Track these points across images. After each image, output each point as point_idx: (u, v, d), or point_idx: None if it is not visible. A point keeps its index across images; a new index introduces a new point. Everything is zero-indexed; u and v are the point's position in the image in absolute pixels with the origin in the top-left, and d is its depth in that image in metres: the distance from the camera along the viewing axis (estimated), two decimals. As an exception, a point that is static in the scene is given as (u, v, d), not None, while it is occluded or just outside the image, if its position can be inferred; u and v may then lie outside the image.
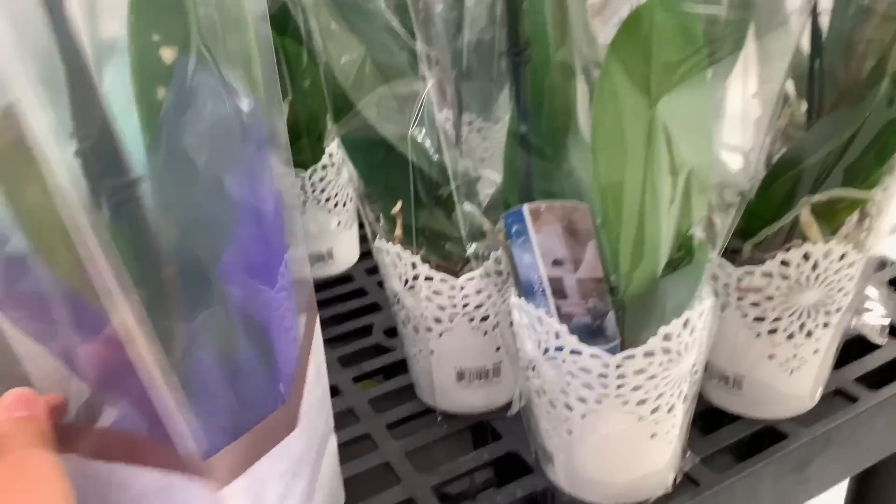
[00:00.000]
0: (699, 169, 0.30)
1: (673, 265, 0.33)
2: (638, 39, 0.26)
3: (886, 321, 0.47)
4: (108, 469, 0.28)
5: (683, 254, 0.33)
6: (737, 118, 0.34)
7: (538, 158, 0.35)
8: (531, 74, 0.33)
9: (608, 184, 0.30)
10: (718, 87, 0.32)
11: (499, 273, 0.43)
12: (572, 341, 0.35)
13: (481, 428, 0.49)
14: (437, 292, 0.44)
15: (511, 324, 0.40)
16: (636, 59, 0.27)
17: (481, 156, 0.58)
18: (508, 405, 0.49)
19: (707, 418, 0.47)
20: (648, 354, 0.35)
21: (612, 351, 0.35)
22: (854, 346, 0.51)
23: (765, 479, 0.44)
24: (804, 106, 0.42)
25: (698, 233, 0.33)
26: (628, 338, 0.36)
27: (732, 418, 0.47)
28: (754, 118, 0.33)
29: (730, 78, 0.33)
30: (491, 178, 0.48)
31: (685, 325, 0.35)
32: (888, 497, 0.61)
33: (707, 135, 0.30)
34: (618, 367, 0.35)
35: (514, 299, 0.38)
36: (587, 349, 0.35)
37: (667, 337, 0.35)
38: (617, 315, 0.35)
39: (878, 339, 0.48)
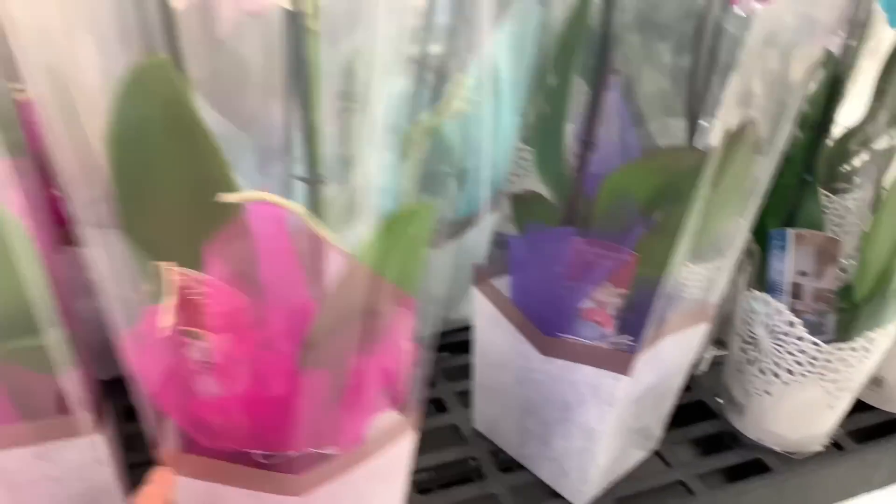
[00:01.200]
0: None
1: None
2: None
3: None
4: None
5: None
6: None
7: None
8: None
9: (878, 236, 0.45)
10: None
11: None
12: (801, 330, 0.50)
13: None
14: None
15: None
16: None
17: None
18: (695, 365, 0.65)
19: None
20: (853, 349, 0.50)
21: (827, 342, 0.50)
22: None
23: (888, 452, 0.59)
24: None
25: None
26: (842, 334, 0.50)
27: (863, 406, 0.62)
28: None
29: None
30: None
31: (885, 333, 0.50)
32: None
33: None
34: (829, 353, 0.50)
35: (756, 293, 0.53)
36: (810, 337, 0.50)
37: (870, 339, 0.50)
38: (837, 317, 0.50)
39: None
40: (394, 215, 0.32)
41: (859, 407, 0.62)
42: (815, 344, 0.50)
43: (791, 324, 0.51)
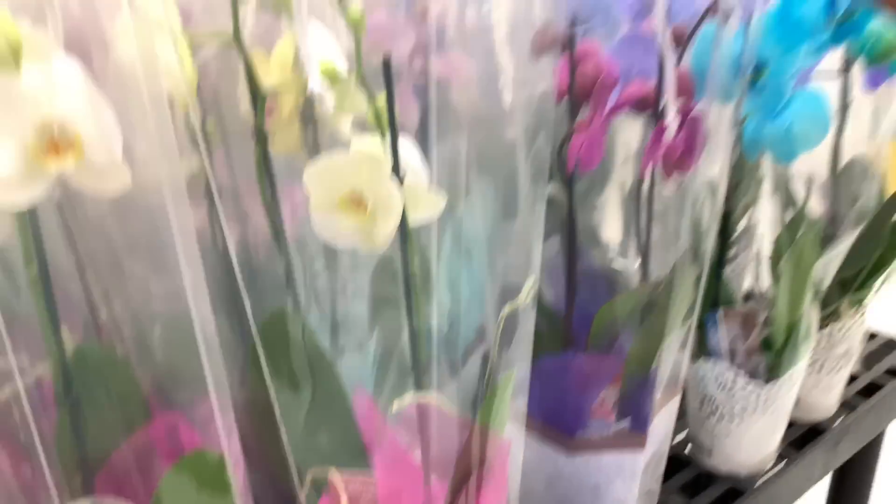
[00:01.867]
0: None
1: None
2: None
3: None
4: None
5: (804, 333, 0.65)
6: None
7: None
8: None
9: (778, 303, 0.61)
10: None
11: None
12: (744, 380, 0.66)
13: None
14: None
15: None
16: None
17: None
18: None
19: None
20: (783, 383, 0.66)
21: (765, 382, 0.66)
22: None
23: (818, 452, 0.75)
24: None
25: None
26: (773, 375, 0.66)
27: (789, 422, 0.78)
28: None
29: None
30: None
31: (800, 367, 0.66)
32: (863, 491, 0.96)
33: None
34: (768, 391, 0.66)
35: (702, 361, 0.68)
36: (751, 383, 0.66)
37: (791, 374, 0.66)
38: (766, 364, 0.66)
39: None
40: (497, 384, 0.44)
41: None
42: (758, 386, 0.66)
43: (735, 377, 0.66)
